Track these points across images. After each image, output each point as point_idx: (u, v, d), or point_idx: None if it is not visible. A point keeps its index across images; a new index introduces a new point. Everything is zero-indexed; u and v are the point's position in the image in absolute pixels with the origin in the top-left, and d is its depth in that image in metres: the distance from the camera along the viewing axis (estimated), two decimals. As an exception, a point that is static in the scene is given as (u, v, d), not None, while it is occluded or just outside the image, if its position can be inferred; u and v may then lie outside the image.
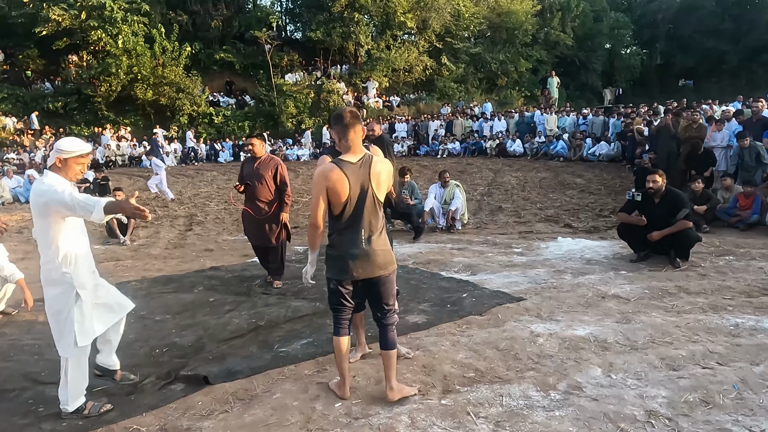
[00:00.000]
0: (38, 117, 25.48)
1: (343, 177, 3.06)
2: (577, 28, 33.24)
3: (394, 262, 3.25)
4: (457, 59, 29.65)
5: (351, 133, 3.13)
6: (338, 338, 3.27)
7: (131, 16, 25.04)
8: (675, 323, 4.29)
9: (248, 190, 5.83)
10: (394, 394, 3.23)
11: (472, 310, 4.77)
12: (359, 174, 3.10)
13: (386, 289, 3.23)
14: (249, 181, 5.80)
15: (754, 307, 4.56)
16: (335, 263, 3.19)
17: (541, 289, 5.33)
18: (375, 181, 3.11)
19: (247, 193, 5.88)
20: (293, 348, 4.13)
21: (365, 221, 3.12)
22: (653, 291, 5.06)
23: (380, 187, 3.15)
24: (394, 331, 3.28)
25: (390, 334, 3.24)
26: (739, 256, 6.11)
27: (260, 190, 5.76)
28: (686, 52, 36.08)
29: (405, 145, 22.53)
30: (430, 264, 6.50)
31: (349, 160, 3.12)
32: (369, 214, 3.13)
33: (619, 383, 3.40)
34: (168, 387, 3.63)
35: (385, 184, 3.18)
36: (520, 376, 3.54)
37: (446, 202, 8.48)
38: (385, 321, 3.25)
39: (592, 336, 4.11)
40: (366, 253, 3.12)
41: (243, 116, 27.55)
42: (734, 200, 7.68)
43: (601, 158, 16.29)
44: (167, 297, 5.73)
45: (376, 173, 3.12)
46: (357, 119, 3.16)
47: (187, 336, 4.54)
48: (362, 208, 3.10)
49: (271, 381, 3.64)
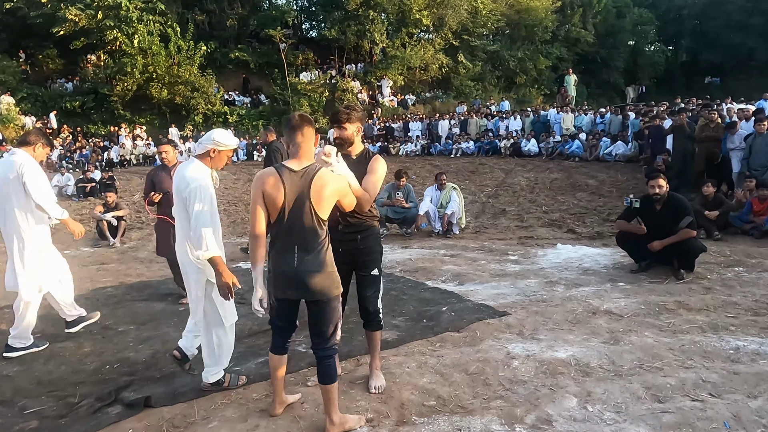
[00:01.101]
0: (56, 116, 25.72)
1: (279, 184, 2.81)
2: (598, 24, 32.49)
3: (333, 288, 2.88)
4: (474, 57, 29.13)
5: (298, 137, 2.86)
6: (271, 354, 3.07)
7: (147, 16, 25.07)
8: (668, 345, 3.89)
9: (166, 199, 5.40)
10: (335, 429, 2.92)
11: (449, 325, 4.43)
12: (298, 184, 2.80)
13: (321, 318, 2.90)
14: (164, 191, 5.41)
15: (759, 328, 4.13)
16: (270, 277, 2.92)
17: (529, 303, 4.95)
18: (315, 195, 2.78)
19: (164, 202, 5.48)
20: (247, 367, 3.84)
21: (298, 237, 2.81)
22: (649, 307, 4.65)
23: (321, 203, 2.80)
24: (332, 363, 2.92)
25: (325, 368, 2.90)
26: (749, 268, 5.64)
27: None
28: (713, 49, 34.96)
29: (419, 144, 22.15)
30: (418, 272, 6.16)
31: (291, 167, 2.85)
32: (303, 231, 2.80)
33: (594, 417, 3.04)
34: (105, 410, 3.37)
35: (328, 201, 2.83)
36: (485, 406, 3.19)
37: (442, 205, 8.10)
38: (320, 352, 2.91)
39: (573, 359, 3.73)
40: (296, 273, 2.81)
41: (257, 115, 27.43)
42: (748, 205, 7.15)
43: (618, 158, 15.72)
44: (137, 306, 5.50)
45: (318, 186, 2.78)
46: (305, 123, 2.89)
47: (143, 350, 4.29)
48: (296, 223, 2.80)
49: (214, 406, 3.35)
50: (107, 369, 4.00)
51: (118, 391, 3.58)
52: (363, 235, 3.33)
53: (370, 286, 3.42)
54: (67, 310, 4.62)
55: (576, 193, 11.14)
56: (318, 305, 2.87)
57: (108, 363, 4.09)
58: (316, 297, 2.84)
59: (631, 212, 5.65)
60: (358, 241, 3.32)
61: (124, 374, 3.89)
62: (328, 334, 2.91)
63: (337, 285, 2.90)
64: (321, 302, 2.86)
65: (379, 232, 3.48)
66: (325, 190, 2.80)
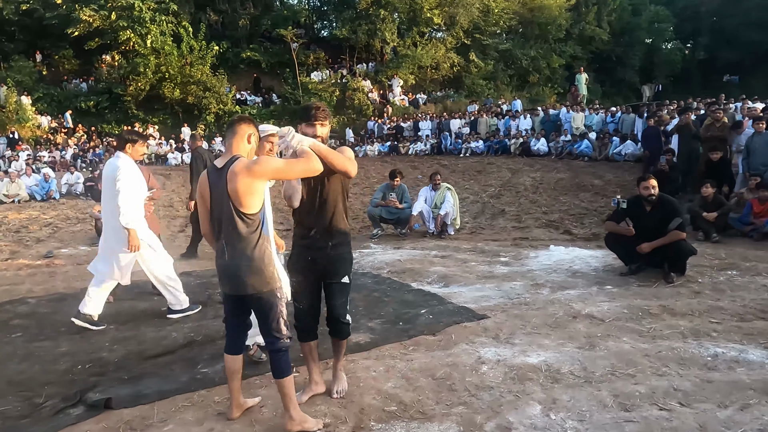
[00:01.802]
0: (71, 116, 26.07)
1: (205, 183, 2.94)
2: (613, 22, 32.00)
3: (264, 283, 2.84)
4: (486, 56, 28.88)
5: (228, 135, 2.94)
6: (225, 354, 3.06)
7: (160, 16, 25.28)
8: (645, 351, 3.78)
9: None
10: (294, 425, 2.91)
11: (425, 329, 4.36)
12: (218, 180, 2.85)
13: (258, 312, 2.93)
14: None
15: (742, 334, 4.01)
16: None
17: (511, 306, 4.87)
18: (231, 188, 2.77)
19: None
20: (214, 369, 3.80)
21: (225, 232, 2.86)
22: (633, 311, 4.54)
23: (237, 195, 2.75)
24: (282, 357, 2.89)
25: (275, 362, 2.89)
26: (743, 271, 5.48)
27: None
28: (731, 46, 34.18)
29: (428, 143, 22.03)
30: (405, 273, 6.09)
31: (217, 164, 2.91)
32: (228, 225, 2.83)
33: (555, 425, 2.95)
34: (67, 411, 3.36)
35: (245, 191, 2.76)
36: (446, 412, 3.13)
37: (437, 205, 8.01)
38: (268, 347, 2.93)
39: (545, 364, 3.65)
40: (227, 267, 2.87)
41: (269, 114, 27.47)
42: (748, 207, 6.96)
43: (627, 158, 15.47)
44: (122, 305, 5.51)
45: (231, 179, 2.77)
46: (240, 121, 2.93)
47: (117, 351, 4.28)
48: (221, 218, 2.85)
49: (175, 408, 3.32)
50: (78, 369, 3.99)
51: (83, 391, 3.56)
52: (335, 242, 3.21)
53: (338, 294, 3.26)
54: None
55: (579, 194, 10.97)
56: (253, 300, 2.87)
57: (80, 363, 4.08)
58: (248, 291, 2.83)
59: (620, 213, 5.52)
60: (329, 248, 3.19)
61: (93, 375, 3.88)
62: (271, 329, 2.90)
63: (269, 279, 2.86)
64: (254, 297, 2.85)
65: (350, 241, 3.35)
66: (237, 181, 2.75)
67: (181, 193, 14.21)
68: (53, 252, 8.28)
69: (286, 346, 2.92)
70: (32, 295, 6.04)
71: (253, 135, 2.95)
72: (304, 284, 3.25)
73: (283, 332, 2.91)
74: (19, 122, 23.96)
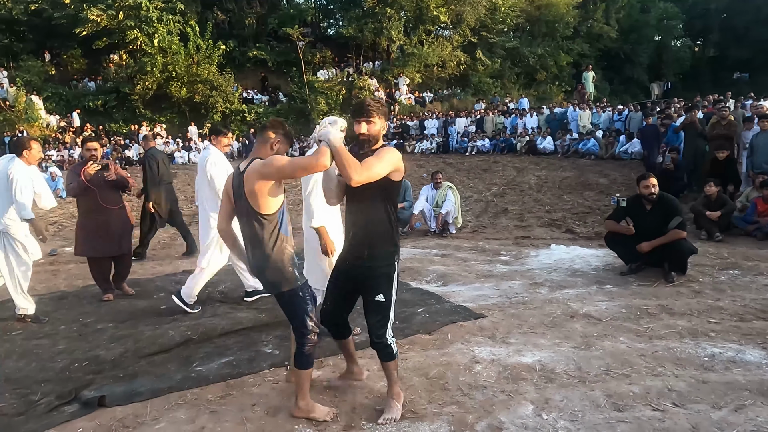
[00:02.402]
0: (79, 115, 26.24)
1: (230, 183, 3.04)
2: (622, 19, 31.74)
3: (283, 283, 2.91)
4: (492, 54, 28.77)
5: (257, 138, 3.06)
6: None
7: (167, 16, 25.39)
8: (641, 351, 3.76)
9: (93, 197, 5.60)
10: (299, 413, 3.05)
11: (421, 328, 4.35)
12: (239, 181, 2.92)
13: (285, 309, 3.04)
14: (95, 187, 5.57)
15: (741, 334, 3.97)
16: None
17: (509, 305, 4.85)
18: (247, 189, 2.86)
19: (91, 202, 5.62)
20: (209, 367, 3.82)
21: (246, 233, 2.97)
22: (631, 310, 4.51)
23: (253, 197, 2.84)
24: (306, 352, 2.99)
25: (298, 354, 3.01)
26: (745, 271, 5.42)
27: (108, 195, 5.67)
28: (741, 43, 33.85)
29: (434, 142, 21.99)
30: (404, 272, 6.07)
31: (240, 167, 2.97)
32: (247, 226, 2.94)
33: (547, 425, 2.94)
34: (61, 408, 3.38)
35: (260, 192, 2.81)
36: (437, 412, 3.12)
37: (438, 204, 8.00)
38: (297, 340, 3.02)
39: (539, 364, 3.63)
40: (252, 267, 3.03)
41: (275, 113, 27.53)
42: (753, 206, 6.89)
43: (634, 156, 15.35)
44: (121, 303, 5.53)
45: (247, 181, 2.86)
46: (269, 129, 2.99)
47: (114, 348, 4.30)
48: (242, 219, 2.98)
49: (167, 406, 3.34)
50: (75, 367, 4.01)
51: (78, 389, 3.60)
52: (372, 253, 2.92)
53: (373, 312, 2.99)
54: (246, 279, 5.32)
55: (584, 192, 10.91)
56: (277, 298, 3.01)
57: (78, 361, 4.11)
58: (269, 290, 3.06)
59: (620, 212, 5.48)
60: (365, 258, 2.94)
61: (89, 372, 3.90)
62: (297, 326, 3.00)
63: (287, 280, 2.90)
64: (277, 296, 2.99)
65: (393, 256, 3.01)
66: (253, 182, 2.82)
67: (186, 191, 14.25)
68: (57, 250, 8.33)
69: (311, 343, 2.98)
70: (34, 293, 6.06)
71: (279, 143, 2.96)
72: (337, 286, 3.15)
73: (309, 329, 2.96)
74: (28, 121, 24.14)
